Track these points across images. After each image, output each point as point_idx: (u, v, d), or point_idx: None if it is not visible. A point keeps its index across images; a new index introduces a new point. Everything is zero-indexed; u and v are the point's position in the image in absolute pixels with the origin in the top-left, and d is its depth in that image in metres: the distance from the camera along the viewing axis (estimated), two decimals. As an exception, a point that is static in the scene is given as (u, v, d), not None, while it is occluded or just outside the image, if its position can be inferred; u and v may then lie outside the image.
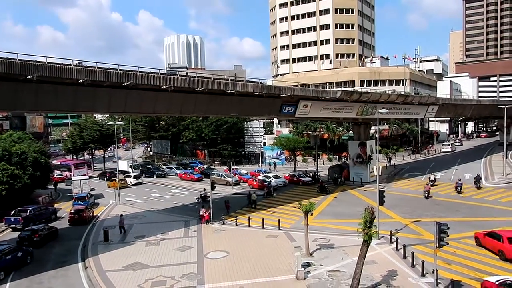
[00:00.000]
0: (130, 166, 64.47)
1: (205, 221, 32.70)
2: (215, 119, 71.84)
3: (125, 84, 26.21)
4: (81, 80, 24.21)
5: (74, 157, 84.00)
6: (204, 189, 42.11)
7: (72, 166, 63.57)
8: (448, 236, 18.72)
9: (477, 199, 38.09)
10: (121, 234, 30.41)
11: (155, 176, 60.71)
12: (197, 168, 63.79)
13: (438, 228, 18.31)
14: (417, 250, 23.74)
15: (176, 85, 28.80)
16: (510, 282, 17.64)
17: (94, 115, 76.12)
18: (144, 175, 62.43)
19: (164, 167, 66.78)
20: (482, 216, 31.65)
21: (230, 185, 49.25)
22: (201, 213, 33.30)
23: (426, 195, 39.63)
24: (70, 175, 59.76)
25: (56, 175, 56.44)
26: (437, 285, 18.46)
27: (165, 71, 33.55)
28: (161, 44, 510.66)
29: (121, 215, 32.13)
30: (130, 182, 54.79)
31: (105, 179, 58.46)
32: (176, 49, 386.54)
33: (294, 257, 21.17)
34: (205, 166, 66.84)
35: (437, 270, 18.51)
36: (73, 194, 45.98)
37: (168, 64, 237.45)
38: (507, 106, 53.85)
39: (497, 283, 17.65)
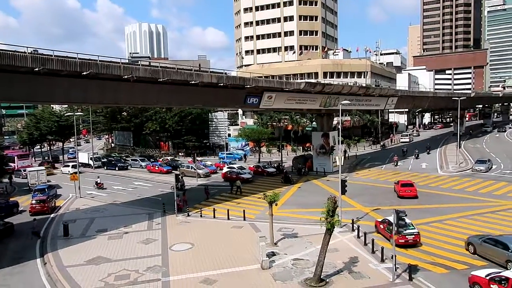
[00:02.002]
0: (91, 158, 62.77)
1: (179, 209, 32.82)
2: (179, 110, 70.90)
3: (85, 73, 25.30)
4: (37, 69, 23.13)
5: (32, 149, 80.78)
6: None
7: (15, 157, 61.39)
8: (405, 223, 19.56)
9: (433, 187, 39.91)
10: (34, 240, 27.46)
11: (117, 168, 59.26)
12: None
13: (396, 215, 19.07)
14: (377, 237, 24.63)
15: (139, 75, 28.12)
16: (387, 220, 23.92)
17: (52, 105, 73.22)
18: (105, 167, 60.98)
19: (128, 159, 65.39)
20: (436, 203, 33.23)
21: (201, 177, 48.99)
22: (177, 201, 33.27)
23: (395, 164, 52.71)
24: (15, 166, 58.06)
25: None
26: (395, 270, 19.29)
27: (127, 61, 32.66)
28: (122, 33, 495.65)
29: (34, 219, 29.46)
30: (69, 171, 54.98)
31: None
32: (138, 38, 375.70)
33: (259, 247, 21.40)
34: (169, 158, 65.99)
35: (395, 256, 19.31)
36: (29, 186, 44.56)
37: (130, 53, 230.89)
38: (460, 98, 56.50)
39: (379, 220, 25.81)
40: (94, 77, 26.41)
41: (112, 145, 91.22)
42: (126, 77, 27.41)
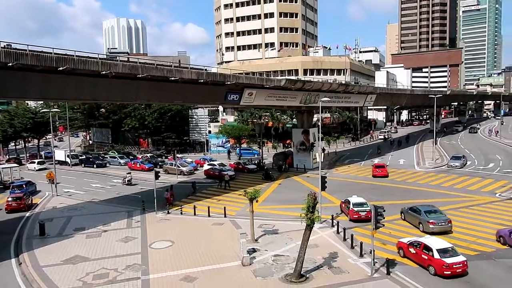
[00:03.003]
0: (68, 156, 61.50)
1: (169, 204, 33.05)
2: (158, 107, 70.10)
3: (61, 69, 24.70)
4: (10, 64, 22.44)
5: (6, 146, 78.63)
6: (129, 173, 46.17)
7: None
8: (384, 218, 19.93)
9: (410, 182, 40.74)
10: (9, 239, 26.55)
11: (95, 166, 58.21)
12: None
13: (375, 211, 19.39)
14: (356, 232, 25.01)
15: (117, 71, 27.65)
16: (347, 200, 29.33)
17: (26, 101, 71.36)
18: (83, 164, 59.88)
19: (107, 156, 64.37)
20: (413, 199, 33.87)
21: (185, 175, 48.68)
22: (166, 196, 33.69)
23: (378, 151, 59.93)
24: None
25: None
26: (373, 264, 19.64)
27: (105, 56, 32.07)
28: (99, 28, 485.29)
29: None
30: (34, 167, 56.86)
31: None
32: (116, 33, 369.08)
33: (239, 243, 21.44)
34: (148, 155, 65.25)
35: (374, 251, 19.64)
36: (2, 183, 43.79)
37: (108, 48, 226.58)
38: (436, 96, 57.72)
39: (342, 201, 30.36)
40: (71, 72, 25.83)
41: (90, 142, 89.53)
42: (104, 73, 26.92)
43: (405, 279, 18.89)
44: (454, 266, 18.95)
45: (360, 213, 27.82)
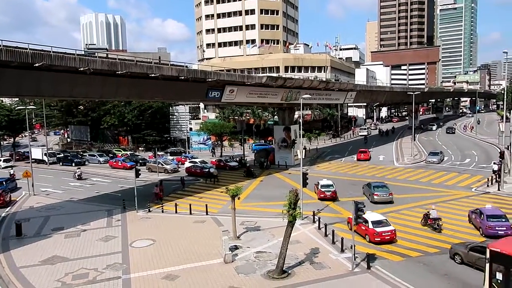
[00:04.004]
0: (45, 154, 60.17)
1: (158, 198, 33.49)
2: (138, 104, 69.20)
3: (37, 65, 24.10)
4: (-17, 60, 21.80)
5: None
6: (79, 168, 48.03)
7: None
8: (364, 213, 20.24)
9: (389, 178, 41.38)
10: None
11: (73, 164, 57.09)
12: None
13: (355, 206, 19.66)
14: (337, 228, 25.23)
15: (95, 67, 27.15)
16: (318, 182, 34.17)
17: (1, 98, 69.44)
18: (61, 163, 58.67)
19: (86, 154, 63.25)
20: (393, 194, 34.41)
21: (168, 173, 48.24)
22: (155, 191, 34.10)
23: (365, 141, 68.51)
24: None
25: None
26: (354, 259, 19.92)
27: (83, 52, 31.45)
28: (76, 23, 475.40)
29: None
30: (0, 165, 56.91)
31: None
32: (94, 29, 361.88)
33: (221, 241, 21.41)
34: (128, 152, 64.40)
35: (354, 246, 19.92)
36: None
37: (86, 44, 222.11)
38: (415, 93, 58.79)
39: (315, 183, 34.07)
40: (48, 69, 25.24)
41: (68, 140, 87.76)
42: (82, 69, 26.40)
43: (385, 273, 19.20)
44: (383, 234, 22.57)
45: (326, 193, 32.79)
